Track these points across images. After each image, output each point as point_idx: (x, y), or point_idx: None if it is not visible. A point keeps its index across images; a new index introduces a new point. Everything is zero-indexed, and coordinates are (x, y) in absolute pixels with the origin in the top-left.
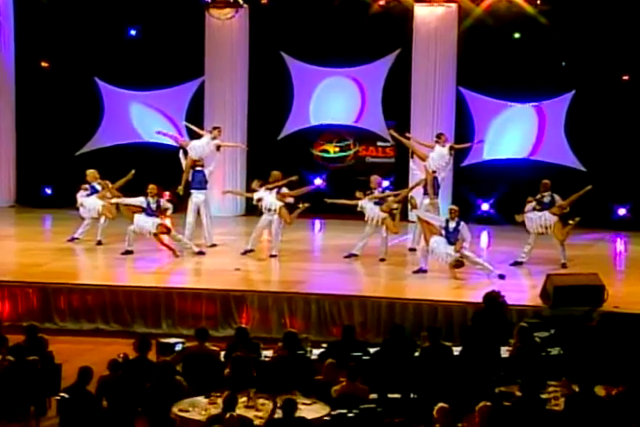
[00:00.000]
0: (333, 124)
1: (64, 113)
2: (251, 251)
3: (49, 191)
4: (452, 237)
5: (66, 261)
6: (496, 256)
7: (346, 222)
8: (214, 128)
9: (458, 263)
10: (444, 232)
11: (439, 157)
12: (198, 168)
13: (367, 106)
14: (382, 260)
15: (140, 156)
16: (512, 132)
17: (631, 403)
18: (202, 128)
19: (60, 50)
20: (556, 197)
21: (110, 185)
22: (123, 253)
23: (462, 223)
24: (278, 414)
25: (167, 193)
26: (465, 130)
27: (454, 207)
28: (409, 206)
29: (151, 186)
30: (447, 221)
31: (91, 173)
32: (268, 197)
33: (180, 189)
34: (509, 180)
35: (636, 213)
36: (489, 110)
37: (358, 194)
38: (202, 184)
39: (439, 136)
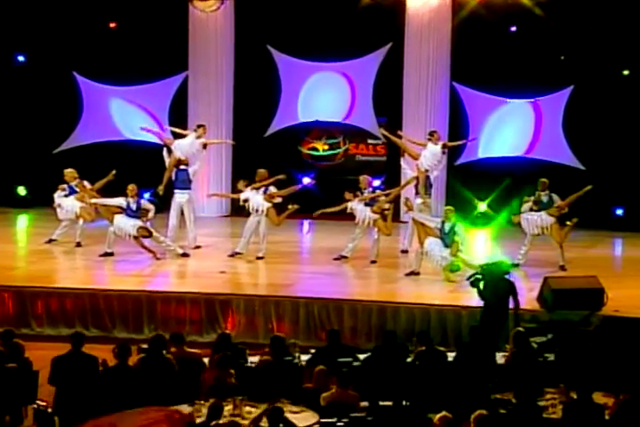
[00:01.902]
0: (323, 120)
1: (41, 109)
2: (239, 254)
3: (24, 191)
4: (447, 239)
5: (43, 263)
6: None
7: (335, 223)
8: (199, 126)
9: (454, 268)
10: (439, 233)
11: (432, 156)
12: (182, 167)
13: (357, 102)
14: (373, 262)
15: (121, 154)
16: (508, 130)
17: (632, 410)
18: (185, 125)
19: (37, 43)
20: (554, 197)
21: (89, 186)
22: (102, 255)
23: (458, 225)
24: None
25: (147, 194)
26: (459, 127)
27: (450, 208)
28: (404, 208)
29: (130, 186)
30: (443, 223)
31: (69, 172)
32: (254, 198)
33: (161, 188)
34: (505, 178)
35: (633, 213)
36: (484, 107)
37: (347, 195)
38: (185, 184)
39: (432, 134)
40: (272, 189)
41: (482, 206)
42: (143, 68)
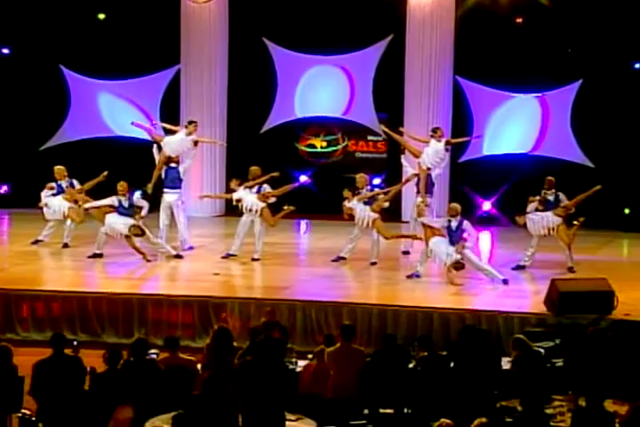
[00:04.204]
0: (320, 116)
1: (26, 104)
2: (233, 255)
3: (6, 189)
4: (454, 237)
5: (29, 265)
6: (497, 259)
7: (334, 223)
8: (190, 122)
9: (458, 265)
10: (446, 232)
11: (434, 153)
12: (172, 165)
13: (357, 97)
14: (373, 263)
15: (110, 151)
16: (513, 126)
17: None
18: (178, 121)
19: (23, 35)
20: (561, 196)
21: (78, 186)
22: (91, 257)
23: (465, 222)
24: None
25: (138, 192)
26: (463, 122)
27: (455, 205)
28: (414, 214)
29: (120, 183)
30: (449, 221)
31: (59, 169)
32: (248, 197)
33: (150, 186)
34: (511, 177)
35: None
36: (489, 101)
37: (346, 193)
38: (175, 182)
39: (435, 130)
40: (266, 188)
41: (486, 205)
42: (133, 61)
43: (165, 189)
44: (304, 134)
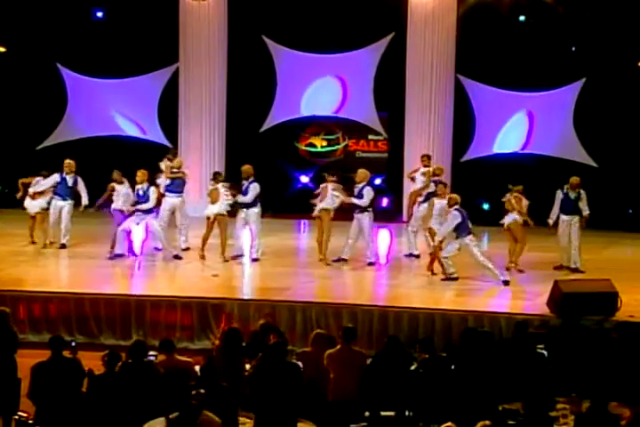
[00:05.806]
0: (320, 115)
1: (22, 102)
2: (240, 256)
3: None
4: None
5: (25, 266)
6: (498, 260)
7: (333, 224)
8: (171, 150)
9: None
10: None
11: (421, 175)
12: (177, 175)
13: (356, 95)
14: (371, 264)
15: (108, 149)
16: (514, 125)
17: None
18: (176, 120)
19: (19, 33)
20: (582, 195)
21: (82, 184)
22: (111, 258)
23: (455, 212)
24: None
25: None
26: (464, 121)
27: (454, 196)
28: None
29: (142, 171)
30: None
31: (68, 163)
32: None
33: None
34: (511, 175)
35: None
36: (490, 100)
37: (328, 177)
38: (180, 188)
39: (422, 158)
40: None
41: (485, 205)
42: (132, 59)
43: (169, 194)
44: (304, 133)
